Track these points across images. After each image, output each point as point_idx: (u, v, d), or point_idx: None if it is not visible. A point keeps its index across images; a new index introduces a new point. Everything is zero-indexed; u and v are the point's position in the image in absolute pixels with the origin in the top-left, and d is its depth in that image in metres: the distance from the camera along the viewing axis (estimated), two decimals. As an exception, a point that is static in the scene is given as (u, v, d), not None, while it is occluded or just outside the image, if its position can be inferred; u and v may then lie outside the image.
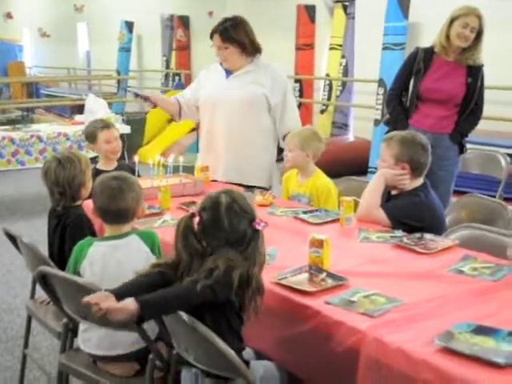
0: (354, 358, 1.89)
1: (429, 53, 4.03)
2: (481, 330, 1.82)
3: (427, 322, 1.93)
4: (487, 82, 4.05)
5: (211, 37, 3.80)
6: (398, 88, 4.17)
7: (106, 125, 3.95)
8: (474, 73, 3.94)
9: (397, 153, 3.04)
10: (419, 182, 3.08)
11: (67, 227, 2.88)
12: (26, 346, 3.11)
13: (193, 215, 2.12)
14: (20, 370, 3.14)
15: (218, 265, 1.99)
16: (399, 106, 4.14)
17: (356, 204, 3.07)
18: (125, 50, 12.85)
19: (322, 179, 3.56)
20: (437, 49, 4.00)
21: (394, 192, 3.13)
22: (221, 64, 3.87)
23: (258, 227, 2.10)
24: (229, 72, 3.84)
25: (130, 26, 12.73)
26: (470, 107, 3.97)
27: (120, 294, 1.98)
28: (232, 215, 2.08)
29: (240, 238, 2.09)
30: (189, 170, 3.98)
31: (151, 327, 2.30)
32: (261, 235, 2.12)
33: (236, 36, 3.71)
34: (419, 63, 4.02)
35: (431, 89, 3.99)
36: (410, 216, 2.95)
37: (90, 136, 3.93)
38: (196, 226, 2.11)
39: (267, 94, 3.76)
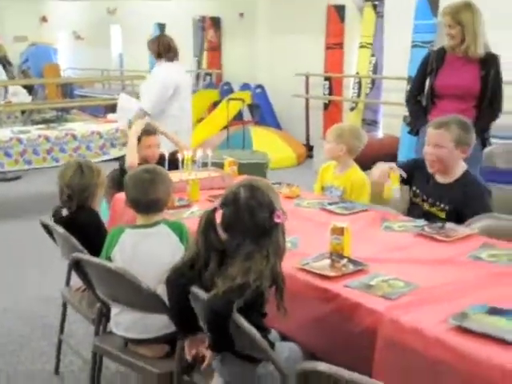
0: (371, 339, 1.97)
1: (441, 52, 4.17)
2: (495, 311, 1.88)
3: (443, 304, 1.99)
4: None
5: None
6: (415, 89, 4.38)
7: (148, 131, 4.14)
8: (487, 65, 3.99)
9: (457, 136, 3.08)
10: (464, 166, 3.15)
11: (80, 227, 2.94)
12: (61, 331, 3.24)
13: (215, 210, 2.14)
14: (56, 356, 3.28)
15: (250, 281, 1.98)
16: (417, 104, 4.31)
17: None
18: (157, 51, 13.00)
19: (357, 173, 3.61)
20: (446, 46, 4.12)
21: (442, 180, 3.18)
22: None
23: (278, 220, 2.08)
24: None
25: (162, 27, 12.88)
26: (485, 100, 4.00)
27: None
28: (252, 209, 2.07)
29: (261, 231, 2.07)
30: (218, 165, 4.09)
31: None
32: (281, 227, 2.11)
33: None
34: (432, 63, 4.17)
35: (446, 84, 4.09)
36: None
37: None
38: (219, 221, 2.11)
39: None
